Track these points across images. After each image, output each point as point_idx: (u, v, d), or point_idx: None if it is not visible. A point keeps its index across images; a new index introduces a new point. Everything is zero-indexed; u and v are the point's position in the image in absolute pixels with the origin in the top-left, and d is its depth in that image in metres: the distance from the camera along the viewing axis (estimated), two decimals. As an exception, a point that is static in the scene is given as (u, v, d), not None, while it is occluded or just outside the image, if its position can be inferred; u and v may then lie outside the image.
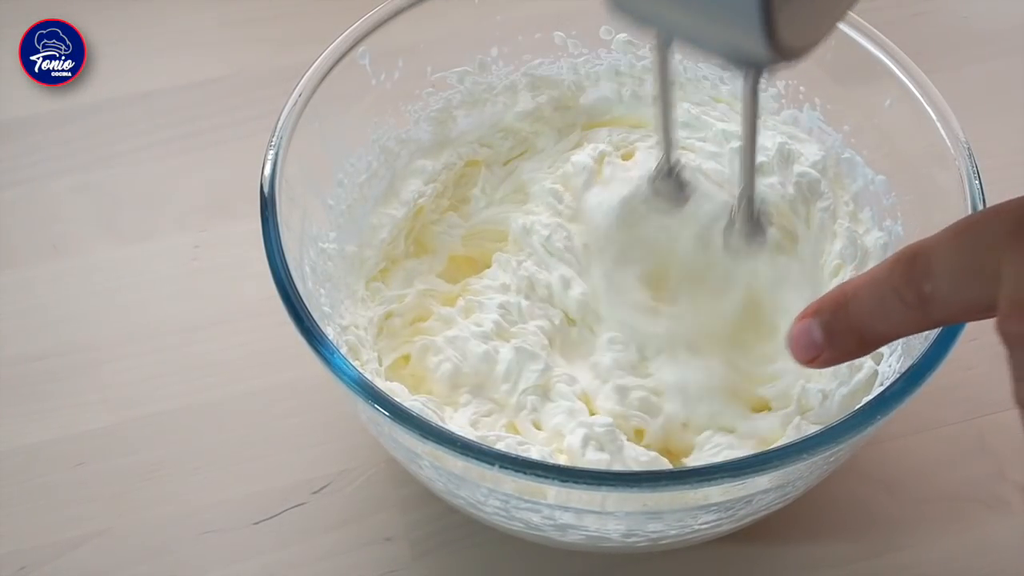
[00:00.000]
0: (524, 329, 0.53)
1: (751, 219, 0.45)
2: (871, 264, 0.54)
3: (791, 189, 0.57)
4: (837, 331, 0.40)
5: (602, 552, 0.52)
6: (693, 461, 0.50)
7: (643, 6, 0.38)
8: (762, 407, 0.52)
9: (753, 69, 0.38)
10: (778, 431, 0.51)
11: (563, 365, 0.53)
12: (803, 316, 0.41)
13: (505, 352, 0.52)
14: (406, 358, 0.54)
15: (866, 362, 0.51)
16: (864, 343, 0.40)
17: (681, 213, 0.52)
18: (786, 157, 0.57)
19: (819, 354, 0.40)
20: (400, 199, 0.58)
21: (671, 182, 0.49)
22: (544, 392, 0.52)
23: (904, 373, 0.44)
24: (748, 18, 0.32)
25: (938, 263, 0.36)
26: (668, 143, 0.47)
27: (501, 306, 0.54)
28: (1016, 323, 0.34)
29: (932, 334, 0.45)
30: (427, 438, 0.43)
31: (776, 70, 0.38)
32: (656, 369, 0.52)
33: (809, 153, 0.57)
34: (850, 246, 0.55)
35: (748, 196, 0.45)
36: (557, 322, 0.54)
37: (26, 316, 0.62)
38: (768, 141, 0.58)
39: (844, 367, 0.51)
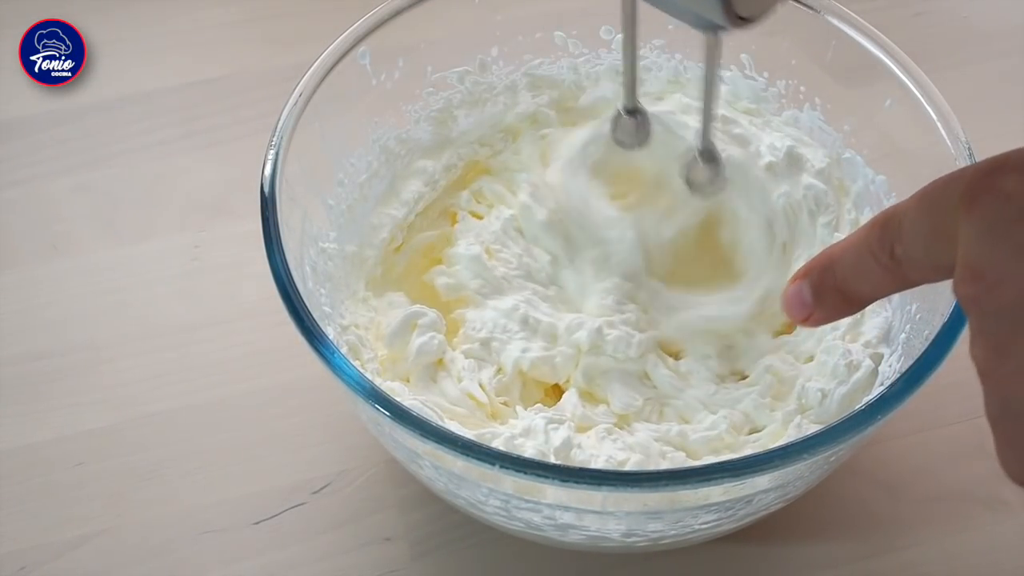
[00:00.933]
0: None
1: (710, 158, 0.50)
2: None
3: (799, 199, 0.57)
4: (824, 292, 0.43)
5: (602, 552, 0.52)
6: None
7: None
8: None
9: (712, 29, 0.43)
10: (779, 430, 0.51)
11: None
12: (794, 279, 0.44)
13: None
14: None
15: (864, 361, 0.51)
16: (849, 302, 0.43)
17: (641, 153, 0.55)
18: (795, 161, 0.57)
19: (810, 314, 0.43)
20: (400, 199, 0.58)
21: (632, 121, 0.53)
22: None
23: (904, 373, 0.44)
24: None
25: (906, 227, 0.38)
26: (632, 83, 0.52)
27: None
28: (967, 285, 0.35)
29: (932, 334, 0.45)
30: (427, 438, 0.43)
31: (732, 31, 0.42)
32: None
33: (815, 159, 0.57)
34: None
35: (707, 136, 0.49)
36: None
37: (26, 316, 0.62)
38: (778, 142, 0.58)
39: (843, 366, 0.51)
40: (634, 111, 0.53)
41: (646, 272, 0.54)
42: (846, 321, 0.53)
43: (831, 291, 0.42)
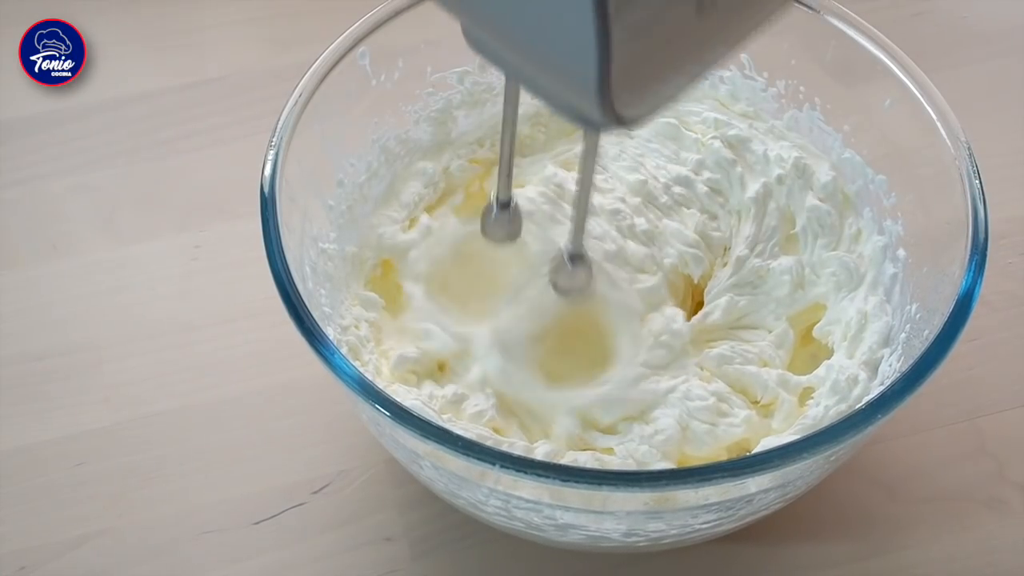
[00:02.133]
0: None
1: (579, 262, 0.47)
2: (867, 284, 0.54)
3: (803, 224, 0.57)
4: None
5: (602, 552, 0.52)
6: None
7: (493, 52, 0.39)
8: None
9: (590, 125, 0.39)
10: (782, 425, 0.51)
11: None
12: None
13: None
14: None
15: (860, 374, 0.51)
16: None
17: (511, 249, 0.53)
18: (803, 173, 0.57)
19: None
20: (400, 201, 0.58)
21: (504, 216, 0.50)
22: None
23: (904, 373, 0.44)
24: (585, 85, 0.32)
25: None
26: (507, 175, 0.48)
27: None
28: None
29: (932, 334, 0.45)
30: (428, 438, 0.43)
31: (613, 131, 0.39)
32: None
33: (821, 171, 0.57)
34: (842, 270, 0.55)
35: (578, 239, 0.46)
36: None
37: (26, 316, 0.62)
38: (785, 152, 0.58)
39: (843, 381, 0.51)
40: (507, 204, 0.50)
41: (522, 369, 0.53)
42: (852, 332, 0.53)
43: None
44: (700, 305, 0.56)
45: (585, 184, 0.44)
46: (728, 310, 0.55)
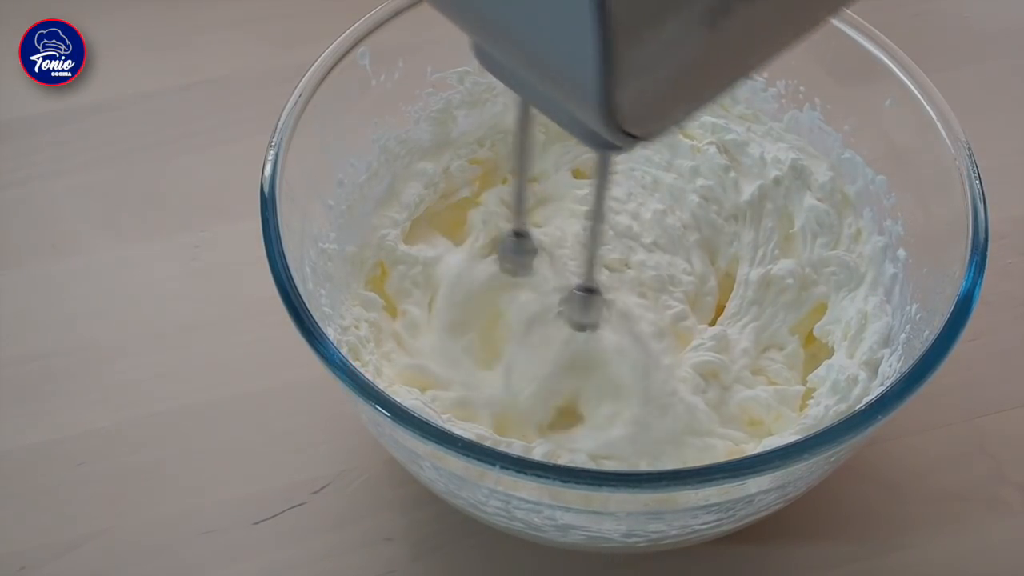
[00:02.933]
0: None
1: (591, 299, 0.47)
2: (866, 284, 0.54)
3: (800, 225, 0.57)
4: None
5: (602, 552, 0.52)
6: None
7: (502, 69, 0.38)
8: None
9: (602, 147, 0.37)
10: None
11: None
12: None
13: None
14: None
15: (860, 374, 0.51)
16: None
17: (526, 282, 0.53)
18: (800, 174, 0.57)
19: None
20: (401, 202, 0.58)
21: (519, 246, 0.50)
22: None
23: (904, 373, 0.44)
24: (590, 101, 0.31)
25: None
26: (520, 207, 0.48)
27: None
28: None
29: (932, 334, 0.45)
30: (428, 439, 0.43)
31: (626, 150, 0.36)
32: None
33: (819, 172, 0.57)
34: (842, 269, 0.55)
35: (590, 275, 0.46)
36: None
37: (26, 316, 0.62)
38: (782, 154, 0.58)
39: (843, 381, 0.51)
40: (522, 234, 0.49)
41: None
42: (852, 332, 0.53)
43: None
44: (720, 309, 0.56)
45: (597, 214, 0.42)
46: (755, 341, 0.54)
